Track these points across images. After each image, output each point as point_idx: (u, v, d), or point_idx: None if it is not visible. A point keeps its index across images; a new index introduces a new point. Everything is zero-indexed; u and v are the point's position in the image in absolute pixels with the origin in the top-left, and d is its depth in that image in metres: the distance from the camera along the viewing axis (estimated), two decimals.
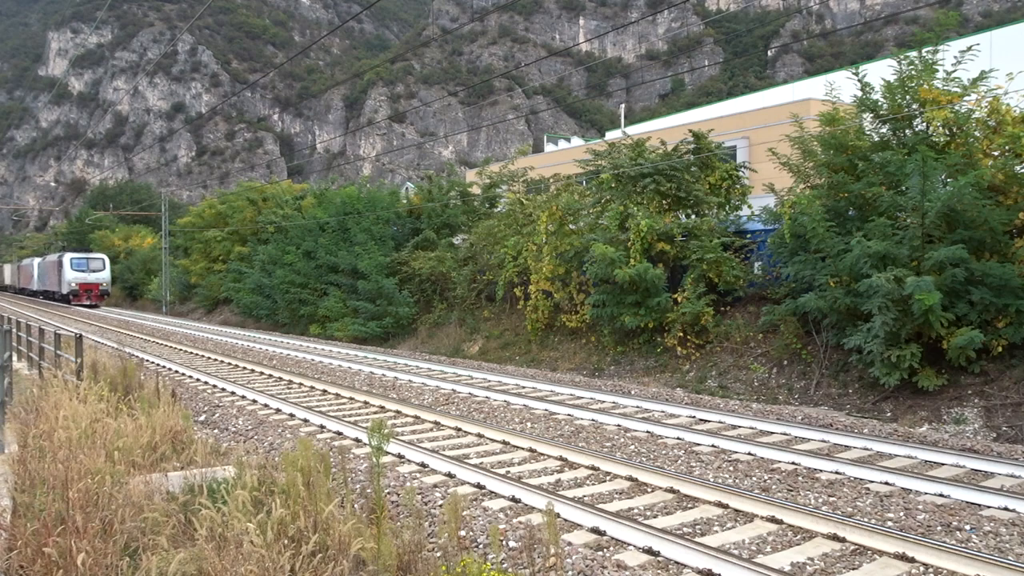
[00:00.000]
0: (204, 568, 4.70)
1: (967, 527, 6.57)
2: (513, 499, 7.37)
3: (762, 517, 6.80)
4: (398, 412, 12.25)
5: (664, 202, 17.91)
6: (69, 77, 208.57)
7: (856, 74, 14.84)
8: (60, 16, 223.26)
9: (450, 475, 8.32)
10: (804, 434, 10.23)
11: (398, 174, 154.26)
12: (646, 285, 16.26)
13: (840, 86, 15.35)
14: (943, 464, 8.69)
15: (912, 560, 5.78)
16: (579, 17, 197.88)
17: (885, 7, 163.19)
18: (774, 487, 7.83)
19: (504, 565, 5.64)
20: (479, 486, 7.86)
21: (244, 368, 18.18)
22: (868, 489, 7.66)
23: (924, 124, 14.20)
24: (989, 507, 7.06)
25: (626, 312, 16.81)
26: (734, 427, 10.85)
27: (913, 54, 14.12)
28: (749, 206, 18.26)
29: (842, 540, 6.21)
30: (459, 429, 10.84)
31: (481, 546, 6.16)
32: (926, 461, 8.83)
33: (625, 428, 10.72)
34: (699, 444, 9.71)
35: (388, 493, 7.38)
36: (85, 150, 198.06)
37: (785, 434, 10.34)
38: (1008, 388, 11.71)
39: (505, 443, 9.88)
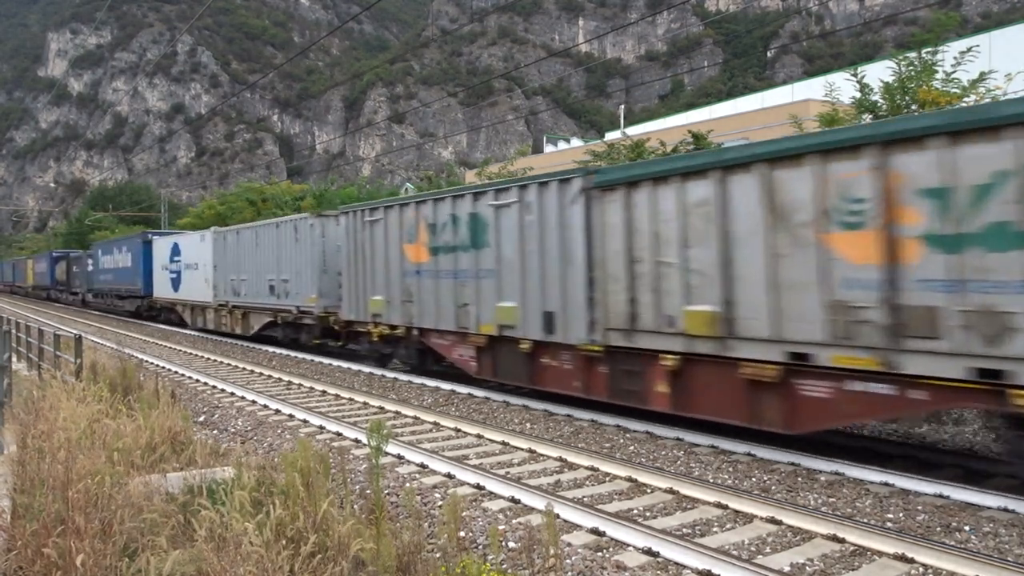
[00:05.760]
0: (203, 568, 4.69)
1: (966, 528, 6.58)
2: (512, 500, 7.38)
3: (761, 518, 6.80)
4: (397, 413, 12.25)
5: None
6: (68, 78, 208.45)
7: (855, 75, 14.83)
8: (60, 17, 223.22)
9: (449, 476, 8.33)
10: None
11: (398, 175, 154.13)
12: None
13: (839, 87, 15.35)
14: (943, 464, 8.69)
15: (911, 561, 5.78)
16: (578, 18, 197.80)
17: (884, 8, 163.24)
18: (773, 488, 7.83)
19: (504, 566, 5.64)
20: (479, 487, 7.86)
21: (244, 369, 18.17)
22: (867, 490, 7.66)
23: None
24: (988, 508, 7.06)
25: None
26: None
27: (912, 55, 14.11)
28: None
29: (841, 541, 6.21)
30: (459, 430, 10.84)
31: (481, 547, 6.16)
32: (926, 461, 8.82)
33: (624, 428, 10.72)
34: (698, 444, 9.71)
35: (388, 494, 7.37)
36: (84, 151, 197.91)
37: None
38: None
39: (505, 444, 9.88)
